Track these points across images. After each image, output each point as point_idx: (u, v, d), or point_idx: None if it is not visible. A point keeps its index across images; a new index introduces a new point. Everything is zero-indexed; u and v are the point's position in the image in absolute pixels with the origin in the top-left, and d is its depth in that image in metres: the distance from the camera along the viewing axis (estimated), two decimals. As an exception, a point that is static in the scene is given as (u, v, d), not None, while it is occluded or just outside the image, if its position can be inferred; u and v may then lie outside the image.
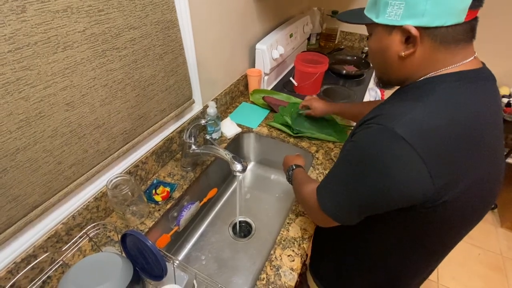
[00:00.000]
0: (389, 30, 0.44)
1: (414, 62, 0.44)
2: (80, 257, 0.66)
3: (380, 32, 0.46)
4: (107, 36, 0.59)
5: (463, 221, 0.48)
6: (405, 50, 0.43)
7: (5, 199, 0.51)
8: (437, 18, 0.39)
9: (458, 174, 0.41)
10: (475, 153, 0.42)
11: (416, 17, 0.40)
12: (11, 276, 0.55)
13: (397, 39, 0.44)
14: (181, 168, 0.90)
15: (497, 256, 1.58)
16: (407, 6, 0.40)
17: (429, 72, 0.44)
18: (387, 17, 0.43)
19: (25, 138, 0.51)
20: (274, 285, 0.64)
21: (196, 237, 0.94)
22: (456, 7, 0.38)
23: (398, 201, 0.42)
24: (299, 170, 0.74)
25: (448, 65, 0.43)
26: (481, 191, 0.45)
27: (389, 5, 0.42)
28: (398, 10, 0.41)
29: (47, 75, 0.51)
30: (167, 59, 0.76)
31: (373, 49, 0.50)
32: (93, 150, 0.64)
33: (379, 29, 0.46)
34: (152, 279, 0.59)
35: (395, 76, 0.49)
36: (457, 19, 0.39)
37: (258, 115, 1.15)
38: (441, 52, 0.42)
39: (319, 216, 0.53)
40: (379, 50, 0.48)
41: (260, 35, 1.27)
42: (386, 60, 0.47)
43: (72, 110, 0.57)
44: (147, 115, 0.76)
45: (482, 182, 0.44)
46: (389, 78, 0.51)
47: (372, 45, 0.50)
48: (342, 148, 0.53)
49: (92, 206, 0.69)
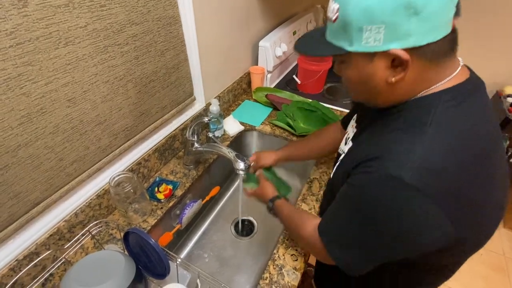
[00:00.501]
0: (369, 57, 0.38)
1: (405, 85, 0.40)
2: (82, 254, 0.65)
3: (358, 60, 0.40)
4: (109, 32, 0.58)
5: (479, 245, 0.45)
6: (394, 75, 0.38)
7: (7, 196, 0.50)
8: (426, 35, 0.35)
9: (477, 209, 0.38)
10: (487, 181, 0.39)
11: (401, 39, 0.35)
12: (13, 274, 0.55)
13: (381, 65, 0.38)
14: (183, 166, 0.90)
15: (499, 256, 1.56)
16: (388, 29, 0.34)
17: (420, 90, 0.40)
18: (365, 44, 0.37)
19: (26, 134, 0.50)
20: (277, 284, 0.64)
21: (198, 235, 0.94)
22: (443, 19, 0.35)
23: (420, 250, 0.40)
24: (283, 202, 0.67)
25: (440, 81, 0.39)
26: (496, 214, 0.43)
27: (365, 31, 0.36)
28: (378, 35, 0.35)
29: (49, 70, 0.50)
30: (169, 55, 0.75)
31: (352, 79, 0.43)
32: (95, 146, 0.64)
33: (355, 56, 0.39)
34: (155, 277, 0.58)
35: (383, 101, 0.44)
36: (445, 31, 0.36)
37: (261, 113, 1.14)
38: (433, 70, 0.39)
39: (328, 260, 0.48)
40: (360, 79, 0.42)
41: (263, 32, 1.26)
42: (371, 88, 0.42)
43: (74, 107, 0.57)
44: (148, 111, 0.75)
45: (496, 207, 0.42)
46: (376, 103, 0.45)
47: (349, 74, 0.43)
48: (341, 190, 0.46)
49: (95, 204, 0.69)
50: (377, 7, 0.34)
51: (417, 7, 0.33)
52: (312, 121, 1.06)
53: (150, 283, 0.60)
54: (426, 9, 0.33)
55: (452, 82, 0.40)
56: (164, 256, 0.52)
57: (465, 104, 0.39)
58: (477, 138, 0.38)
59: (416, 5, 0.33)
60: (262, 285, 0.63)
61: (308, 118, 1.07)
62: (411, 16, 0.33)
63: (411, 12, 0.33)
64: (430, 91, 0.40)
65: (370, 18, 0.35)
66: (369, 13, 0.35)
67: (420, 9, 0.33)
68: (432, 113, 0.38)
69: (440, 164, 0.36)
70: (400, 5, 0.33)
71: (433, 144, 0.36)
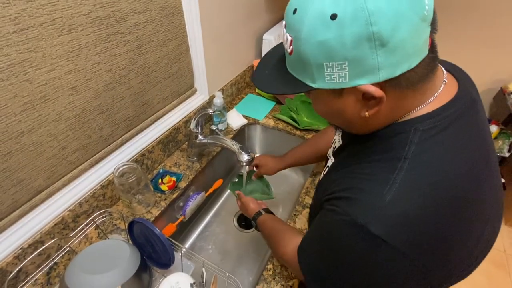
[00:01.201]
0: (337, 92, 0.34)
1: (381, 116, 0.36)
2: (86, 244, 0.65)
3: (325, 96, 0.35)
4: (111, 20, 0.58)
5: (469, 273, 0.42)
6: (367, 108, 0.34)
7: (10, 183, 0.50)
8: (399, 65, 0.30)
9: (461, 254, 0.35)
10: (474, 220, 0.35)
11: (370, 73, 0.30)
12: (18, 262, 0.55)
13: (352, 100, 0.34)
14: (187, 159, 0.89)
15: (500, 253, 1.56)
16: (352, 65, 0.30)
17: (399, 116, 0.36)
18: (329, 81, 0.32)
19: (29, 121, 0.50)
20: (281, 275, 0.63)
21: (201, 227, 0.94)
22: (417, 43, 0.30)
23: None
24: (265, 218, 0.65)
25: (419, 104, 0.35)
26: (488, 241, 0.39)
27: (326, 67, 0.31)
28: (342, 71, 0.30)
29: (52, 58, 0.50)
30: (171, 46, 0.75)
31: (322, 111, 0.40)
32: (97, 135, 0.64)
33: (322, 92, 0.34)
34: (159, 267, 0.58)
35: (362, 131, 0.40)
36: (422, 54, 0.31)
37: (264, 107, 1.13)
38: (410, 96, 0.34)
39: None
40: (331, 113, 0.38)
41: (268, 25, 1.25)
42: (345, 120, 0.38)
43: (77, 95, 0.56)
44: (150, 102, 0.75)
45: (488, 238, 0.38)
46: (356, 131, 0.42)
47: (318, 107, 0.39)
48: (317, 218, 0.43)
49: (99, 194, 0.69)
50: (334, 42, 0.29)
51: (383, 38, 0.28)
52: (316, 115, 1.05)
53: (154, 272, 0.60)
54: (394, 38, 0.28)
55: (433, 105, 0.35)
56: (169, 245, 0.52)
57: (449, 131, 0.34)
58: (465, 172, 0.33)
59: (381, 36, 0.28)
60: (265, 276, 0.63)
61: (312, 112, 1.06)
62: (377, 49, 0.28)
63: (377, 44, 0.28)
64: (408, 116, 0.36)
65: (329, 54, 0.30)
66: (326, 49, 0.30)
67: (387, 39, 0.28)
68: (408, 145, 0.34)
69: (411, 212, 0.31)
70: (362, 37, 0.28)
71: (403, 187, 0.32)
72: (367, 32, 0.28)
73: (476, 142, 0.36)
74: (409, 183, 0.32)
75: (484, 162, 0.36)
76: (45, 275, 0.59)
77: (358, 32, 0.28)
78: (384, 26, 0.28)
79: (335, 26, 0.28)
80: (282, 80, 0.37)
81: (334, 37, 0.29)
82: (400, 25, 0.28)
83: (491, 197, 0.37)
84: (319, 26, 0.29)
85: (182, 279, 0.54)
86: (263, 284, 0.61)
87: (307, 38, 0.30)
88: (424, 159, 0.33)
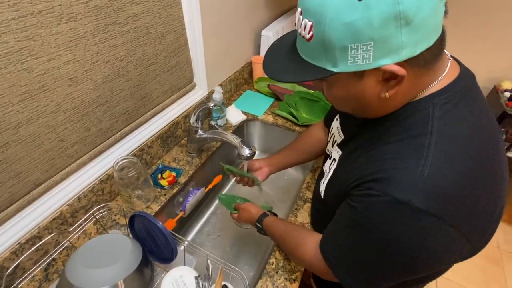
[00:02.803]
0: (358, 75, 0.34)
1: (399, 96, 0.37)
2: (85, 239, 0.64)
3: (345, 80, 0.35)
4: (109, 10, 0.57)
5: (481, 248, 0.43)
6: (387, 89, 0.35)
7: (7, 175, 0.49)
8: (420, 44, 0.31)
9: (488, 217, 0.36)
10: (495, 183, 0.36)
11: (394, 53, 0.31)
12: (15, 257, 0.54)
13: (372, 81, 0.35)
14: (186, 154, 0.88)
15: (494, 248, 1.60)
16: (377, 45, 0.30)
17: (414, 96, 0.38)
18: (351, 64, 0.32)
19: (27, 111, 0.49)
20: (284, 269, 0.63)
21: (200, 223, 0.93)
22: (435, 22, 0.31)
23: (435, 268, 0.39)
24: (272, 220, 0.62)
25: (432, 82, 0.37)
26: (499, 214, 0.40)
27: (350, 50, 0.31)
28: (366, 52, 0.31)
29: (51, 47, 0.49)
30: (169, 38, 0.74)
31: (339, 97, 0.40)
32: (96, 128, 0.62)
33: (342, 76, 0.35)
34: (161, 262, 0.57)
35: (374, 114, 0.41)
36: (437, 34, 0.33)
37: (263, 103, 1.13)
38: (426, 75, 0.36)
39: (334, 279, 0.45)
40: (349, 97, 0.38)
41: (266, 21, 1.25)
42: (362, 104, 0.39)
43: (76, 86, 0.55)
44: (149, 95, 0.74)
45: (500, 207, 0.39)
46: (366, 116, 0.42)
47: (335, 93, 0.39)
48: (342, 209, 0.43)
49: (98, 189, 0.67)
50: (362, 23, 0.29)
51: (408, 16, 0.29)
52: (315, 111, 1.05)
53: (156, 267, 0.59)
54: (417, 16, 0.29)
55: (443, 82, 0.37)
56: (171, 239, 0.51)
57: (462, 105, 0.36)
58: (480, 140, 0.36)
59: (407, 14, 0.29)
60: (268, 269, 0.62)
61: (311, 108, 1.06)
62: (402, 28, 0.29)
63: (402, 23, 0.29)
64: (423, 94, 0.37)
65: (355, 35, 0.30)
66: (354, 30, 0.30)
67: (412, 18, 0.29)
68: (430, 120, 0.35)
69: (450, 182, 0.32)
70: (389, 17, 0.29)
71: (438, 159, 0.33)
72: (394, 11, 0.29)
73: (484, 112, 0.38)
74: (442, 156, 0.33)
75: (496, 134, 0.38)
76: (43, 271, 0.57)
77: (385, 12, 0.29)
78: (409, 4, 0.29)
79: (362, 6, 0.29)
80: (298, 68, 0.37)
81: (361, 17, 0.29)
82: (423, 3, 0.29)
83: (503, 171, 0.38)
84: (345, 8, 0.30)
85: (185, 272, 0.53)
86: (266, 278, 0.61)
87: (332, 20, 0.30)
88: (449, 132, 0.35)
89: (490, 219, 0.37)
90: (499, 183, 0.37)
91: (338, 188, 0.45)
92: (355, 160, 0.44)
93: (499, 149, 0.38)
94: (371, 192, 0.36)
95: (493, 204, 0.36)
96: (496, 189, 0.36)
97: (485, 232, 0.37)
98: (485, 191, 0.35)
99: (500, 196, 0.37)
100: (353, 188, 0.40)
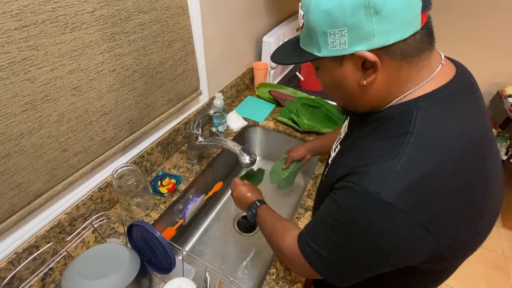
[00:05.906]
0: (339, 61, 0.38)
1: (379, 87, 0.39)
2: (83, 248, 0.63)
3: (329, 65, 0.40)
4: (116, 19, 0.56)
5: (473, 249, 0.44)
6: (365, 77, 0.38)
7: (8, 186, 0.48)
8: (392, 33, 0.34)
9: (466, 223, 0.37)
10: (484, 187, 0.37)
11: (366, 40, 0.34)
12: (12, 267, 0.53)
13: (351, 68, 0.38)
14: (186, 161, 0.88)
15: (499, 256, 1.58)
16: (351, 31, 0.34)
17: (398, 95, 0.39)
18: (331, 48, 0.37)
19: (30, 122, 0.48)
20: (284, 280, 0.63)
21: (200, 231, 0.92)
22: (407, 16, 0.33)
23: (405, 264, 0.39)
24: (266, 209, 0.63)
25: (417, 84, 0.38)
26: (492, 218, 0.41)
27: (329, 35, 0.36)
28: (342, 38, 0.35)
29: (54, 56, 0.49)
30: (176, 46, 0.74)
31: (326, 83, 0.44)
32: (99, 138, 0.62)
33: (326, 61, 0.39)
34: (159, 272, 0.57)
35: (361, 105, 0.43)
36: (413, 27, 0.34)
37: (264, 109, 1.13)
38: (405, 69, 0.37)
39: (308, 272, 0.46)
40: (334, 83, 0.42)
41: (267, 27, 1.25)
42: (346, 91, 0.42)
43: (79, 95, 0.55)
44: (154, 104, 0.74)
45: (491, 214, 0.40)
46: (355, 107, 0.45)
47: (323, 79, 0.44)
48: (325, 202, 0.44)
49: (97, 197, 0.67)
50: (336, 10, 0.34)
51: (376, 6, 0.32)
52: (316, 118, 1.05)
53: (154, 278, 0.59)
54: (386, 7, 0.32)
55: (432, 85, 0.38)
56: (170, 249, 0.51)
57: (448, 108, 0.37)
58: (462, 144, 0.36)
59: (375, 4, 0.32)
60: (268, 280, 0.62)
61: (312, 114, 1.06)
62: (371, 16, 0.33)
63: (371, 11, 0.33)
64: (410, 95, 0.39)
65: (331, 21, 0.35)
66: (330, 17, 0.35)
67: (380, 8, 0.32)
68: (413, 121, 0.37)
69: (419, 179, 0.34)
70: (359, 5, 0.33)
71: (413, 159, 0.34)
72: (363, 0, 0.32)
73: (473, 118, 0.39)
74: (417, 155, 0.35)
75: (484, 138, 0.39)
76: (40, 281, 0.57)
77: (356, 0, 0.33)
78: None
79: None
80: (293, 54, 0.43)
81: (336, 5, 0.34)
82: None
83: (493, 172, 0.39)
84: None
85: (184, 283, 0.52)
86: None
87: (314, 9, 0.36)
88: (428, 133, 0.36)
89: (471, 226, 0.38)
90: (483, 191, 0.37)
91: (325, 184, 0.47)
92: (344, 156, 0.46)
93: (487, 157, 0.38)
94: (348, 184, 0.38)
95: (475, 211, 0.37)
96: (477, 196, 0.37)
97: (465, 238, 0.38)
98: (461, 195, 0.35)
99: (486, 208, 0.38)
100: (336, 182, 0.42)
